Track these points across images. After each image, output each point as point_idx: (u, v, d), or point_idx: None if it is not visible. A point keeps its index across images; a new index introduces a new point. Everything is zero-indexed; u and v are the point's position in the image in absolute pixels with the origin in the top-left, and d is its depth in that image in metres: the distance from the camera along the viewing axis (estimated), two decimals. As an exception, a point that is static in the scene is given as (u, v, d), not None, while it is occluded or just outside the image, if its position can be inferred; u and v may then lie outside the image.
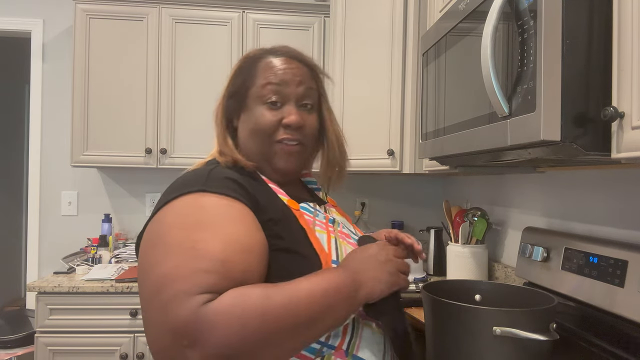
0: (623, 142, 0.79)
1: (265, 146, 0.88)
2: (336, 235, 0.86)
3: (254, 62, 0.92)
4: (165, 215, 0.74)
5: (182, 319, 0.61)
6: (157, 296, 0.65)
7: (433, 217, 2.66)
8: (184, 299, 0.62)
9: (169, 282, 0.64)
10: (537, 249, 1.45)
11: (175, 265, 0.66)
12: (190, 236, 0.69)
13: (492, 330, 0.88)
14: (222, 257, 0.67)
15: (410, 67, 1.99)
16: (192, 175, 0.81)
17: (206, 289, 0.64)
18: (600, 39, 0.83)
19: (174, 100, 2.40)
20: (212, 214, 0.72)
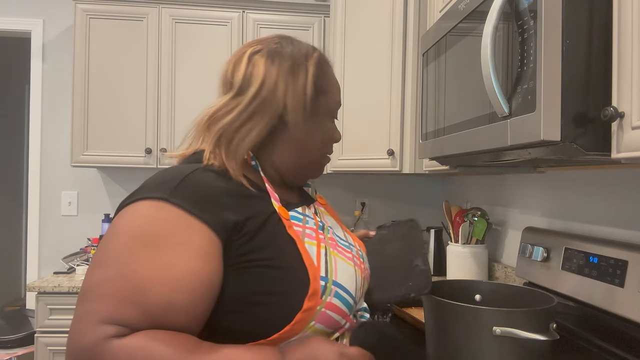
0: (623, 142, 0.79)
1: (318, 158, 0.87)
2: (326, 244, 0.80)
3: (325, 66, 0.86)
4: (121, 217, 0.69)
5: (82, 343, 0.60)
6: (79, 304, 0.64)
7: (433, 217, 2.66)
8: (92, 324, 0.61)
9: (89, 295, 0.63)
10: (537, 249, 1.45)
11: (101, 278, 0.64)
12: (129, 250, 0.65)
13: (492, 330, 0.88)
14: (144, 286, 0.63)
15: (410, 67, 1.99)
16: (166, 176, 0.73)
17: (118, 320, 0.61)
18: (600, 39, 0.83)
19: (174, 100, 2.40)
20: (161, 231, 0.67)
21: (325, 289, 0.72)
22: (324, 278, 0.73)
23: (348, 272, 0.78)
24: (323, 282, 0.73)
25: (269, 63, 0.79)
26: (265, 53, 0.81)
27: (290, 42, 0.84)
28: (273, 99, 0.78)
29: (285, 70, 0.79)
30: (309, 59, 0.82)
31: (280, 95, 0.78)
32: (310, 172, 0.88)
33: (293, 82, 0.79)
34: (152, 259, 0.65)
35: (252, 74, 0.79)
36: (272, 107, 0.78)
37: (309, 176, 0.89)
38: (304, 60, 0.81)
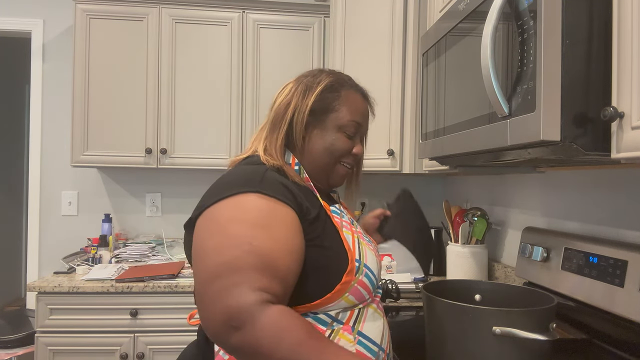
0: (623, 142, 0.79)
1: (330, 164, 1.02)
2: (358, 236, 0.97)
3: (339, 88, 1.03)
4: (224, 209, 0.83)
5: (240, 306, 0.73)
6: (217, 280, 0.76)
7: (433, 217, 2.65)
8: (247, 290, 0.74)
9: (230, 271, 0.76)
10: (537, 249, 1.45)
11: (235, 256, 0.77)
12: (248, 232, 0.80)
13: (492, 330, 0.88)
14: (273, 256, 0.79)
15: (410, 67, 1.99)
16: (246, 175, 0.89)
17: (262, 287, 0.76)
18: (600, 39, 0.83)
19: (174, 100, 2.40)
20: (266, 215, 0.83)
21: (358, 269, 0.90)
22: (357, 260, 0.90)
23: (373, 259, 0.96)
24: (357, 264, 0.90)
25: (293, 87, 1.02)
26: (295, 80, 1.04)
27: (317, 72, 1.05)
28: (284, 114, 0.99)
29: (299, 92, 1.00)
30: (320, 84, 1.01)
31: (290, 110, 0.99)
32: (327, 177, 1.03)
33: (302, 101, 0.99)
34: (268, 236, 0.80)
35: (280, 95, 1.03)
36: (284, 119, 0.99)
37: (328, 182, 1.04)
38: (316, 84, 1.01)
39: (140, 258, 2.40)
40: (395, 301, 1.73)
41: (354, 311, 0.91)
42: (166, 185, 2.72)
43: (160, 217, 2.71)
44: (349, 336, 0.88)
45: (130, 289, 2.00)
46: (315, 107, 0.99)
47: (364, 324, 0.91)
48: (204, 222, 0.84)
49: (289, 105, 1.00)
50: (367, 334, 0.91)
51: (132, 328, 2.02)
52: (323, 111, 1.00)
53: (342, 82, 1.04)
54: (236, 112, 2.43)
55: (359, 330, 0.90)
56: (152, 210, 2.70)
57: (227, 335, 0.73)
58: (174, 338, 2.03)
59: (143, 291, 2.01)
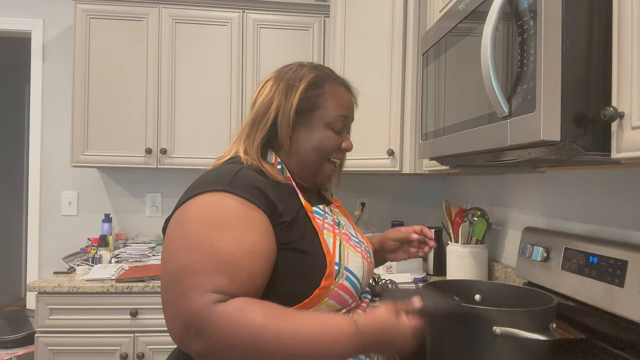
0: (623, 142, 0.79)
1: (318, 163, 0.99)
2: (341, 238, 0.95)
3: (322, 84, 0.99)
4: (189, 209, 0.83)
5: (194, 311, 0.73)
6: (176, 284, 0.76)
7: (433, 217, 2.66)
8: (199, 294, 0.73)
9: (188, 274, 0.75)
10: (537, 249, 1.45)
11: (194, 259, 0.76)
12: (210, 234, 0.78)
13: (492, 330, 0.88)
14: (233, 258, 0.77)
15: (410, 67, 1.99)
16: (218, 173, 0.88)
17: (217, 289, 0.75)
18: (600, 39, 0.83)
19: (174, 100, 2.40)
20: (230, 215, 0.81)
21: (338, 273, 0.87)
22: (337, 264, 0.88)
23: (357, 262, 0.93)
24: (337, 267, 0.87)
25: (273, 85, 0.98)
26: (275, 77, 1.00)
27: (297, 67, 1.01)
28: (265, 114, 0.96)
29: (280, 91, 0.97)
30: (302, 81, 0.97)
31: (272, 110, 0.96)
32: (314, 176, 1.00)
33: (285, 101, 0.96)
34: (231, 237, 0.79)
35: (260, 94, 0.99)
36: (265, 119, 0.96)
37: (316, 180, 1.01)
38: (298, 81, 0.97)
39: (140, 258, 2.40)
40: None
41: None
42: (166, 185, 2.72)
43: (160, 217, 2.71)
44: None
45: (130, 289, 2.00)
46: (301, 107, 0.96)
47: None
48: (171, 225, 0.84)
49: (271, 105, 0.96)
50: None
51: (132, 328, 2.02)
52: (308, 109, 0.97)
53: (324, 77, 1.00)
54: (236, 112, 2.43)
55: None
56: (152, 210, 2.70)
57: (188, 342, 0.74)
58: (174, 338, 2.02)
59: (143, 291, 2.01)
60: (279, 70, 1.02)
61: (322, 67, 1.03)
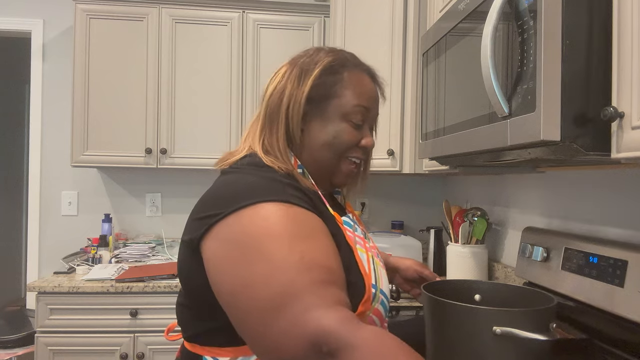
0: (623, 142, 0.79)
1: (334, 160, 0.87)
2: (372, 254, 0.86)
3: (341, 69, 0.87)
4: (248, 223, 0.69)
5: (325, 329, 0.59)
6: (281, 313, 0.62)
7: (433, 217, 2.66)
8: (324, 311, 0.61)
9: (293, 296, 0.63)
10: (537, 249, 1.45)
11: (290, 279, 0.64)
12: (294, 248, 0.66)
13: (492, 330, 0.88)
14: (330, 265, 0.67)
15: (410, 67, 1.99)
16: (262, 182, 0.75)
17: (336, 301, 0.63)
18: (600, 39, 0.83)
19: (174, 100, 2.40)
20: (303, 225, 0.70)
21: (375, 296, 0.78)
22: (374, 286, 0.79)
23: (387, 281, 0.85)
24: (374, 290, 0.78)
25: (287, 70, 0.87)
26: (289, 63, 0.88)
27: (314, 51, 0.89)
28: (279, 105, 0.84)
29: (293, 77, 0.85)
30: (317, 65, 0.85)
31: (285, 100, 0.84)
32: (331, 177, 0.89)
33: (297, 88, 0.84)
34: (317, 246, 0.68)
35: (272, 81, 0.87)
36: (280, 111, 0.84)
37: (332, 182, 0.90)
38: (313, 66, 0.85)
39: (140, 258, 2.40)
40: (395, 301, 1.73)
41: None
42: (166, 185, 2.72)
43: (160, 217, 2.71)
44: None
45: (130, 289, 2.00)
46: (313, 94, 0.84)
47: None
48: (225, 246, 0.69)
49: (283, 94, 0.84)
50: None
51: (132, 328, 2.02)
52: (323, 98, 0.85)
53: (343, 62, 0.88)
54: (236, 112, 2.43)
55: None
56: (152, 210, 2.70)
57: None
58: (174, 338, 2.02)
59: (143, 291, 2.01)
60: (295, 56, 0.90)
61: (343, 51, 0.91)
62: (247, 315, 0.65)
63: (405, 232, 2.55)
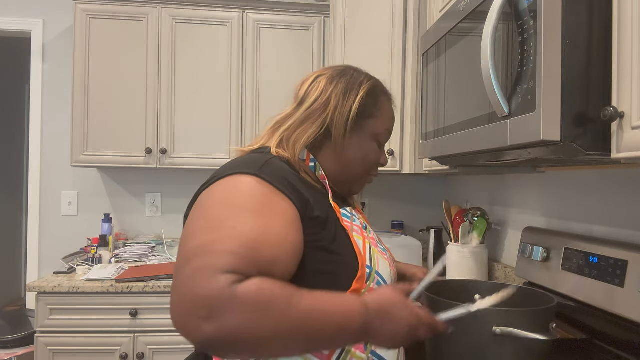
0: (623, 142, 0.79)
1: (360, 174, 0.98)
2: (370, 242, 0.92)
3: (379, 94, 0.99)
4: (214, 190, 0.78)
5: (205, 292, 0.63)
6: (188, 263, 0.68)
7: (433, 217, 2.66)
8: (211, 274, 0.65)
9: (202, 253, 0.68)
10: (537, 249, 1.45)
11: (212, 239, 0.69)
12: (234, 216, 0.72)
13: (492, 330, 0.88)
14: (255, 245, 0.70)
15: (410, 67, 1.99)
16: (248, 159, 0.85)
17: (234, 269, 0.66)
18: (600, 39, 0.83)
19: (174, 100, 2.40)
20: (258, 200, 0.76)
21: (369, 276, 0.84)
22: (369, 267, 0.85)
23: (386, 268, 0.91)
24: (368, 270, 0.85)
25: (328, 84, 0.95)
26: (329, 76, 0.97)
27: (352, 70, 0.99)
28: (323, 112, 0.93)
29: (339, 91, 0.94)
30: (362, 86, 0.96)
31: (330, 110, 0.92)
32: (351, 185, 0.99)
33: (342, 102, 0.93)
34: (257, 222, 0.72)
35: (312, 90, 0.95)
36: (321, 118, 0.92)
37: (350, 189, 1.00)
38: (358, 86, 0.95)
39: (140, 258, 2.41)
40: None
41: None
42: (166, 185, 2.72)
43: (160, 217, 2.71)
44: (362, 355, 0.83)
45: (130, 289, 2.00)
46: (359, 111, 0.94)
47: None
48: (194, 207, 0.78)
49: (328, 105, 0.93)
50: (381, 354, 0.85)
51: (132, 328, 2.02)
52: (365, 116, 0.95)
53: (380, 88, 1.00)
54: (236, 112, 2.43)
55: (372, 349, 0.85)
56: (152, 210, 2.70)
57: (194, 327, 0.63)
58: (174, 338, 2.03)
59: (143, 291, 2.01)
60: (331, 70, 0.99)
61: (376, 78, 1.02)
62: (175, 265, 0.72)
63: (405, 232, 2.55)
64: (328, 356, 0.80)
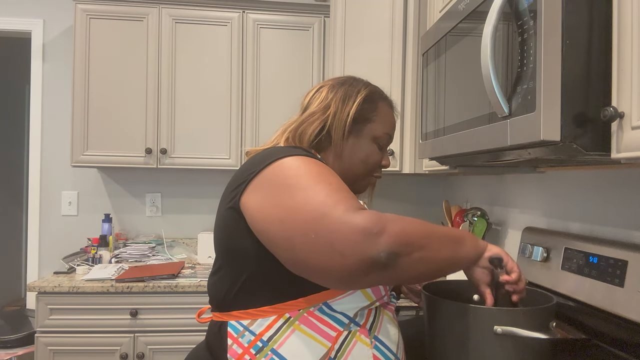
0: (623, 142, 0.79)
1: (362, 175, 1.05)
2: None
3: (377, 100, 1.06)
4: (277, 171, 0.82)
5: (364, 220, 0.72)
6: (329, 214, 0.74)
7: (433, 217, 2.66)
8: (355, 211, 0.74)
9: (333, 204, 0.75)
10: (537, 249, 1.45)
11: (327, 194, 0.77)
12: (321, 179, 0.80)
13: (493, 329, 0.88)
14: (346, 187, 0.82)
15: (410, 67, 1.99)
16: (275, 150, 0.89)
17: (359, 206, 0.76)
18: (600, 39, 0.83)
19: (174, 100, 2.40)
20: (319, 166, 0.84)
21: None
22: None
23: None
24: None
25: (329, 92, 1.03)
26: (330, 85, 1.05)
27: (352, 79, 1.08)
28: (322, 114, 1.00)
29: (338, 98, 1.01)
30: (360, 93, 1.03)
31: (330, 114, 1.00)
32: (354, 185, 1.04)
33: (341, 107, 1.00)
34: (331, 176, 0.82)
35: (315, 98, 1.04)
36: (321, 119, 1.00)
37: (354, 188, 1.04)
38: (356, 93, 1.03)
39: (140, 258, 2.41)
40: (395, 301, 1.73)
41: (370, 312, 0.89)
42: (166, 185, 2.72)
43: (160, 217, 2.71)
44: (366, 339, 0.86)
45: (130, 289, 2.00)
46: (356, 116, 1.01)
47: (381, 328, 0.90)
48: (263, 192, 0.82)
49: (328, 109, 1.00)
50: (384, 340, 0.89)
51: (132, 328, 2.02)
52: (362, 120, 1.02)
53: (378, 94, 1.07)
54: (236, 112, 2.43)
55: (375, 335, 0.88)
56: (152, 210, 2.70)
57: (373, 244, 0.71)
58: (174, 338, 2.03)
59: (143, 291, 2.01)
60: (333, 81, 1.07)
61: (374, 85, 1.09)
62: (298, 232, 0.76)
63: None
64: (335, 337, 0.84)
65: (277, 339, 0.82)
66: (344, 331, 0.85)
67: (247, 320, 0.84)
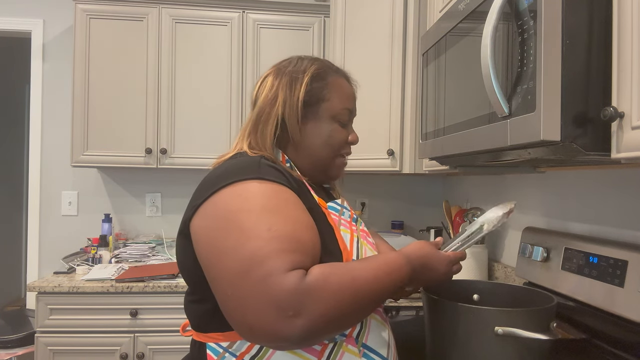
0: (623, 142, 0.79)
1: (329, 157, 0.98)
2: (358, 235, 0.93)
3: (326, 76, 0.98)
4: (226, 200, 0.78)
5: (286, 293, 0.67)
6: (247, 275, 0.69)
7: (433, 217, 2.66)
8: (282, 276, 0.68)
9: (258, 262, 0.69)
10: (537, 249, 1.45)
11: (258, 247, 0.71)
12: (262, 220, 0.74)
13: (494, 330, 0.88)
14: (294, 236, 0.74)
15: (410, 67, 1.99)
16: (240, 164, 0.84)
17: (296, 265, 0.70)
18: (600, 39, 0.83)
19: (174, 100, 2.40)
20: (273, 199, 0.78)
21: None
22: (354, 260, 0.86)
23: None
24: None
25: (274, 79, 0.97)
26: (274, 72, 0.98)
27: (297, 60, 1.00)
28: (272, 108, 0.94)
29: (284, 84, 0.95)
30: (306, 72, 0.96)
31: (279, 104, 0.93)
32: (326, 171, 1.00)
33: (290, 93, 0.94)
34: (285, 217, 0.76)
35: (261, 89, 0.97)
36: (272, 113, 0.93)
37: (327, 175, 1.00)
38: (302, 73, 0.96)
39: (140, 258, 2.41)
40: (395, 301, 1.73)
41: None
42: (166, 185, 2.72)
43: (160, 217, 2.71)
44: (354, 349, 0.84)
45: (130, 289, 2.00)
46: (307, 99, 0.94)
47: (369, 335, 0.86)
48: (206, 222, 0.78)
49: (276, 99, 0.94)
50: (372, 347, 0.86)
51: (132, 328, 2.02)
52: (314, 102, 0.95)
53: (326, 69, 0.99)
54: (236, 112, 2.43)
55: (363, 342, 0.85)
56: (152, 210, 2.70)
57: (287, 328, 0.66)
58: (174, 338, 2.03)
59: (143, 291, 2.01)
60: (277, 65, 1.00)
61: (322, 59, 1.02)
62: (220, 280, 0.73)
63: (405, 232, 2.55)
64: (320, 351, 0.81)
65: (261, 357, 0.79)
66: (329, 343, 0.82)
67: (226, 342, 0.81)
